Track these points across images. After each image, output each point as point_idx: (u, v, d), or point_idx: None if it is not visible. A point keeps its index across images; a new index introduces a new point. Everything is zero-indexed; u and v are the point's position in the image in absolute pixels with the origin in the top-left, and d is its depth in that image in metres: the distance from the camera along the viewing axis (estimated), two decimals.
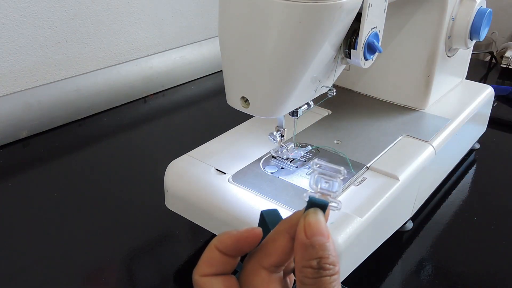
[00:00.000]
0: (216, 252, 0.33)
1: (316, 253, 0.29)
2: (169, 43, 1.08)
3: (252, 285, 0.32)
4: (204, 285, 0.32)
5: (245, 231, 0.33)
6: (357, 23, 0.48)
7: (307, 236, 0.30)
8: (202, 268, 0.33)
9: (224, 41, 0.48)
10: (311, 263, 0.29)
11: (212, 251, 0.33)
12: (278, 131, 0.57)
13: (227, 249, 0.32)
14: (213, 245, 0.33)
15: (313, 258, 0.29)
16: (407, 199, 0.59)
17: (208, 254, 0.33)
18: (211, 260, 0.33)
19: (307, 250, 0.30)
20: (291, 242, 0.31)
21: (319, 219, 0.31)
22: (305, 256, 0.30)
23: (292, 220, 0.32)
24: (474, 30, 0.67)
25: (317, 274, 0.29)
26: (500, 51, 1.25)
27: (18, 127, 0.84)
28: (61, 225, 0.65)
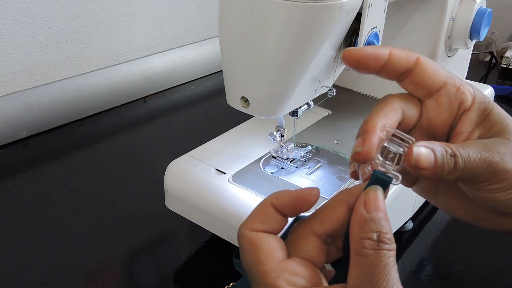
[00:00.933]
0: (271, 208, 0.31)
1: (376, 227, 0.29)
2: (169, 43, 1.08)
3: (303, 249, 0.31)
4: (255, 240, 0.30)
5: (303, 189, 0.32)
6: (357, 23, 0.48)
7: (367, 210, 0.30)
8: (253, 223, 0.31)
9: (224, 41, 0.48)
10: (371, 235, 0.29)
11: (266, 207, 0.32)
12: (278, 131, 0.57)
13: (283, 206, 0.31)
14: (268, 201, 0.32)
15: (373, 231, 0.29)
16: (407, 199, 0.59)
17: (261, 210, 0.32)
18: (264, 217, 0.31)
19: (367, 224, 0.29)
20: (347, 213, 0.31)
21: (379, 196, 0.30)
22: (365, 228, 0.29)
23: (352, 192, 0.31)
24: (474, 30, 0.67)
25: (376, 246, 0.29)
26: (500, 51, 1.25)
27: (18, 127, 0.84)
28: (61, 225, 0.65)
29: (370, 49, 0.33)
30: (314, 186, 0.32)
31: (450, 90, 0.33)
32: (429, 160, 0.31)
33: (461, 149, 0.31)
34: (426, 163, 0.31)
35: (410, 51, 0.34)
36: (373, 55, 0.33)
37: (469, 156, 0.31)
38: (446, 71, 0.34)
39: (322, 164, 0.59)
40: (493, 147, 0.32)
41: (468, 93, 0.34)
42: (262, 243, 0.30)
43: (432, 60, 0.35)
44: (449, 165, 0.31)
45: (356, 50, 0.33)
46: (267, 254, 0.30)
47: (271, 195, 0.32)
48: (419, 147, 0.31)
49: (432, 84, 0.34)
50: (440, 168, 0.31)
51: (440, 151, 0.31)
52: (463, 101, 0.33)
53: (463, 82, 0.34)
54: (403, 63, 0.34)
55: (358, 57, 0.33)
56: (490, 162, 0.31)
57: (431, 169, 0.31)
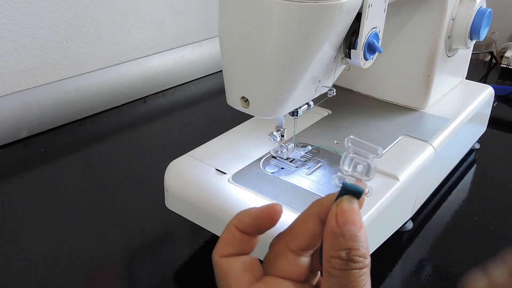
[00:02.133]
0: (236, 231, 0.31)
1: (346, 243, 0.28)
2: (169, 43, 1.08)
3: (278, 267, 0.31)
4: (224, 266, 0.31)
5: (265, 207, 0.31)
6: (357, 23, 0.48)
7: (338, 224, 0.28)
8: (221, 248, 0.31)
9: (224, 41, 0.48)
10: (340, 253, 0.27)
11: (231, 230, 0.31)
12: (278, 131, 0.57)
13: (247, 227, 0.31)
14: (232, 224, 0.32)
15: (342, 249, 0.27)
16: (407, 199, 0.59)
17: (227, 234, 0.32)
18: (231, 240, 0.31)
19: (337, 239, 0.28)
20: (321, 226, 0.30)
21: (353, 207, 0.29)
22: (334, 245, 0.28)
23: (323, 203, 0.30)
24: (474, 30, 0.67)
25: (345, 266, 0.27)
26: (500, 51, 1.25)
27: (18, 127, 0.84)
28: (61, 225, 0.65)
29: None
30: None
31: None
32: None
33: None
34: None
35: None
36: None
37: None
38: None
39: (322, 164, 0.59)
40: None
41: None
42: (231, 269, 0.31)
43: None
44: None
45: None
46: (236, 279, 0.30)
47: (234, 217, 0.32)
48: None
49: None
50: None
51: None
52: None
53: None
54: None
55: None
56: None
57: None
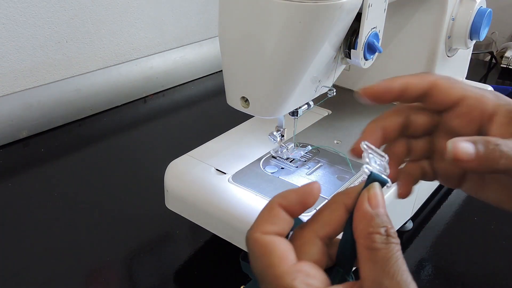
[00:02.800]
0: (279, 209, 0.31)
1: (382, 222, 0.30)
2: (169, 43, 1.08)
3: (308, 254, 0.31)
4: (267, 244, 0.30)
5: (305, 185, 0.32)
6: (357, 23, 0.48)
7: (372, 206, 0.30)
8: (263, 225, 0.31)
9: (224, 41, 0.48)
10: (379, 230, 0.29)
11: (274, 208, 0.31)
12: (278, 131, 0.57)
13: (291, 204, 0.31)
14: (275, 203, 0.31)
15: (380, 226, 0.29)
16: (407, 199, 0.59)
17: (270, 212, 0.31)
18: (274, 218, 0.31)
19: (373, 219, 0.30)
20: (346, 215, 0.31)
21: (380, 193, 0.31)
22: (372, 223, 0.30)
23: (350, 193, 0.32)
24: (474, 30, 0.67)
25: (386, 240, 0.29)
26: (500, 51, 1.25)
27: (18, 127, 0.84)
28: (61, 225, 0.65)
29: (382, 84, 0.36)
30: None
31: (468, 102, 0.34)
32: (468, 151, 0.30)
33: (502, 141, 0.31)
34: (466, 155, 0.30)
35: (426, 75, 0.35)
36: (385, 90, 0.36)
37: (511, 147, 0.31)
38: (465, 86, 0.35)
39: (322, 164, 0.59)
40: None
41: (488, 100, 0.34)
42: (275, 246, 0.30)
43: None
44: (494, 153, 0.30)
45: (370, 87, 0.36)
46: (281, 257, 0.29)
47: (276, 196, 0.32)
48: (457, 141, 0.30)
49: (448, 101, 0.35)
50: (485, 157, 0.30)
51: (482, 142, 0.30)
52: (484, 110, 0.34)
53: (486, 92, 0.35)
54: (417, 90, 0.35)
55: (372, 93, 0.36)
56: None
57: (475, 160, 0.30)
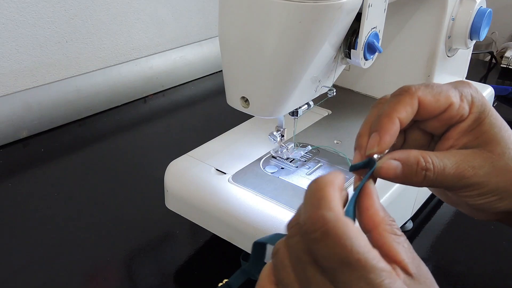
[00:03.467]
0: (338, 192, 0.29)
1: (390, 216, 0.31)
2: (169, 43, 1.08)
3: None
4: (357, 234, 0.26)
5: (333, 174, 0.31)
6: (357, 23, 0.48)
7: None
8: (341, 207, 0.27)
9: (224, 41, 0.48)
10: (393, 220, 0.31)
11: (339, 190, 0.29)
12: (278, 131, 0.57)
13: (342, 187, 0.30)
14: (334, 186, 0.29)
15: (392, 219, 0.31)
16: (407, 199, 0.59)
17: (338, 195, 0.29)
18: (341, 202, 0.29)
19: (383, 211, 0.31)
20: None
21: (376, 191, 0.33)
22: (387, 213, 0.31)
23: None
24: (474, 30, 0.67)
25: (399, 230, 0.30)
26: (500, 51, 1.25)
27: (18, 127, 0.84)
28: (61, 225, 0.65)
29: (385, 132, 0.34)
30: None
31: (452, 110, 0.35)
32: (395, 172, 0.33)
33: (438, 161, 0.33)
34: (391, 174, 0.33)
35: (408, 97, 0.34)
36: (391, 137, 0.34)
37: (444, 169, 0.33)
38: (449, 92, 0.35)
39: (322, 164, 0.59)
40: (471, 161, 0.34)
41: (467, 105, 0.35)
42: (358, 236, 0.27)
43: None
44: (418, 177, 0.33)
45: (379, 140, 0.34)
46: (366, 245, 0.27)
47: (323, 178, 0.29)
48: (387, 160, 0.33)
49: (434, 114, 0.35)
50: (409, 178, 0.33)
51: (411, 164, 0.33)
52: (462, 115, 0.35)
53: (464, 91, 0.36)
54: (408, 120, 0.35)
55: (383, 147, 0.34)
56: (462, 176, 0.34)
57: (399, 178, 0.33)
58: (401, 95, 0.35)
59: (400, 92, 0.35)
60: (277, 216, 0.50)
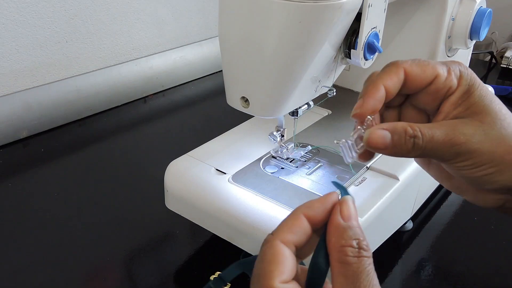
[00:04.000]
0: (303, 219, 0.31)
1: (355, 234, 0.30)
2: (169, 43, 1.08)
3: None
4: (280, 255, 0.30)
5: (325, 196, 0.32)
6: (357, 23, 0.48)
7: (344, 219, 0.31)
8: (285, 234, 0.31)
9: (224, 41, 0.48)
10: (351, 242, 0.30)
11: (299, 217, 0.31)
12: (278, 131, 0.57)
13: (316, 215, 0.31)
14: (300, 212, 0.31)
15: (352, 239, 0.30)
16: (407, 199, 0.59)
17: (293, 221, 0.31)
18: (296, 228, 0.31)
19: (346, 232, 0.30)
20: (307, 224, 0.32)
21: (352, 205, 0.32)
22: (344, 236, 0.30)
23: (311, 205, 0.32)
24: (474, 30, 0.67)
25: (358, 253, 0.29)
26: (500, 51, 1.25)
27: (18, 127, 0.84)
28: (61, 225, 0.65)
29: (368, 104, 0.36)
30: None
31: (439, 82, 0.36)
32: (384, 141, 0.34)
33: (427, 129, 0.34)
34: (380, 143, 0.34)
35: (395, 68, 0.36)
36: (372, 108, 0.36)
37: (433, 136, 0.34)
38: (435, 64, 0.36)
39: (322, 164, 0.59)
40: (461, 129, 0.34)
41: (455, 78, 0.36)
42: (284, 261, 0.30)
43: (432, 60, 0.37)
44: (407, 145, 0.34)
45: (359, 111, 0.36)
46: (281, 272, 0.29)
47: (302, 205, 0.32)
48: (375, 130, 0.34)
49: (420, 86, 0.36)
50: (399, 147, 0.34)
51: (399, 132, 0.34)
52: (450, 87, 0.36)
53: (452, 66, 0.36)
54: (394, 90, 0.36)
55: (362, 115, 0.36)
56: (454, 143, 0.34)
57: (389, 148, 0.34)
58: (387, 67, 0.36)
59: (387, 65, 0.36)
60: (277, 216, 0.50)
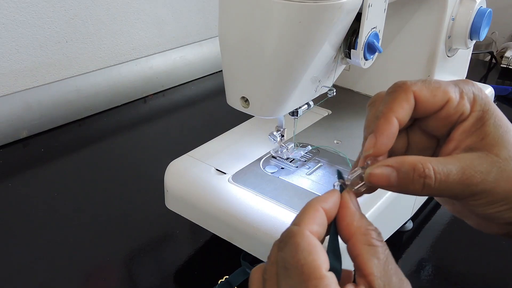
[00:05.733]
0: (322, 212, 0.30)
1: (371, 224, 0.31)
2: (169, 43, 1.08)
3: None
4: (316, 245, 0.29)
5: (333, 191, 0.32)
6: (357, 23, 0.48)
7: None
8: (312, 225, 0.30)
9: (224, 41, 0.48)
10: (374, 227, 0.30)
11: (319, 210, 0.30)
12: (278, 131, 0.57)
13: (331, 209, 0.31)
14: (318, 205, 0.31)
15: (371, 225, 0.30)
16: (407, 199, 0.59)
17: (315, 213, 0.30)
18: (319, 220, 0.30)
19: (364, 217, 0.31)
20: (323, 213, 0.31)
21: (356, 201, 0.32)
22: (364, 221, 0.30)
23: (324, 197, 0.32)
24: (474, 30, 0.67)
25: (380, 237, 0.29)
26: (500, 51, 1.25)
27: (18, 127, 0.84)
28: (61, 225, 0.65)
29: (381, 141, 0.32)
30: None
31: (450, 107, 0.33)
32: (387, 179, 0.31)
33: (441, 166, 0.31)
34: (383, 181, 0.31)
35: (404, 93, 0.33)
36: (388, 139, 0.32)
37: (448, 175, 0.31)
38: (447, 88, 0.33)
39: (322, 164, 0.59)
40: (478, 166, 0.31)
41: (468, 102, 0.33)
42: (321, 250, 0.29)
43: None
44: (415, 185, 0.31)
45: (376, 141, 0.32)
46: (324, 260, 0.29)
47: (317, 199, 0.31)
48: (378, 167, 0.31)
49: (430, 111, 0.33)
50: (405, 187, 0.31)
51: (406, 170, 0.31)
52: (463, 113, 0.33)
53: (465, 88, 0.33)
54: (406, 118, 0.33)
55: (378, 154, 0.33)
56: (470, 183, 0.31)
57: (395, 186, 0.31)
58: (396, 91, 0.33)
59: (394, 89, 0.33)
60: (277, 216, 0.50)
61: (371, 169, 0.32)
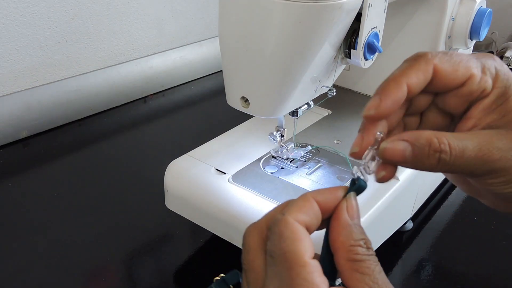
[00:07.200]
0: (313, 202, 0.30)
1: (361, 234, 0.29)
2: (169, 43, 1.08)
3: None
4: (300, 231, 0.29)
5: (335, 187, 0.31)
6: (357, 23, 0.48)
7: (351, 217, 0.30)
8: (297, 213, 0.29)
9: (224, 41, 0.48)
10: (360, 243, 0.29)
11: (309, 199, 0.30)
12: (278, 131, 0.57)
13: (326, 201, 0.30)
14: (309, 195, 0.30)
15: (359, 239, 0.29)
16: (407, 199, 0.59)
17: (304, 202, 0.30)
18: (307, 209, 0.30)
19: (353, 231, 0.29)
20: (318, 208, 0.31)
21: (357, 204, 0.30)
22: (353, 236, 0.29)
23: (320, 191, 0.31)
24: (474, 30, 0.67)
25: (367, 252, 0.28)
26: (500, 51, 1.25)
27: (18, 127, 0.84)
28: (61, 225, 0.65)
29: (386, 102, 0.31)
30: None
31: (472, 84, 0.31)
32: (402, 154, 0.30)
33: (457, 142, 0.29)
34: (398, 156, 0.30)
35: (423, 64, 0.31)
36: (392, 107, 0.31)
37: (464, 151, 0.29)
38: (469, 63, 0.31)
39: (322, 164, 0.59)
40: (497, 142, 0.29)
41: (490, 78, 0.31)
42: (306, 237, 0.29)
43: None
44: (431, 160, 0.29)
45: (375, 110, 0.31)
46: (307, 249, 0.28)
47: (310, 191, 0.31)
48: (393, 140, 0.30)
49: (452, 86, 0.31)
50: (420, 162, 0.30)
51: (422, 144, 0.29)
52: (484, 89, 0.31)
53: (487, 63, 0.31)
54: (419, 87, 0.31)
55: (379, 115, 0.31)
56: (487, 160, 0.29)
57: (409, 162, 0.30)
58: (416, 60, 0.31)
59: (414, 58, 0.31)
60: None
61: (385, 144, 0.30)
